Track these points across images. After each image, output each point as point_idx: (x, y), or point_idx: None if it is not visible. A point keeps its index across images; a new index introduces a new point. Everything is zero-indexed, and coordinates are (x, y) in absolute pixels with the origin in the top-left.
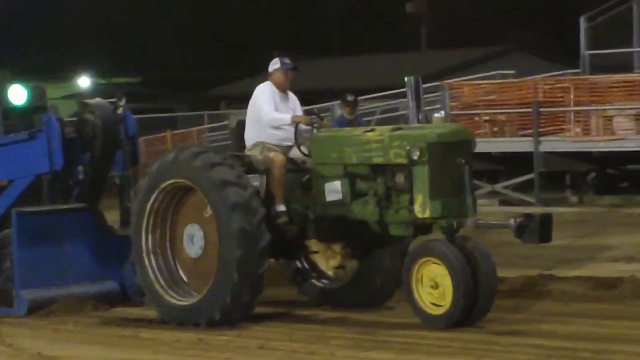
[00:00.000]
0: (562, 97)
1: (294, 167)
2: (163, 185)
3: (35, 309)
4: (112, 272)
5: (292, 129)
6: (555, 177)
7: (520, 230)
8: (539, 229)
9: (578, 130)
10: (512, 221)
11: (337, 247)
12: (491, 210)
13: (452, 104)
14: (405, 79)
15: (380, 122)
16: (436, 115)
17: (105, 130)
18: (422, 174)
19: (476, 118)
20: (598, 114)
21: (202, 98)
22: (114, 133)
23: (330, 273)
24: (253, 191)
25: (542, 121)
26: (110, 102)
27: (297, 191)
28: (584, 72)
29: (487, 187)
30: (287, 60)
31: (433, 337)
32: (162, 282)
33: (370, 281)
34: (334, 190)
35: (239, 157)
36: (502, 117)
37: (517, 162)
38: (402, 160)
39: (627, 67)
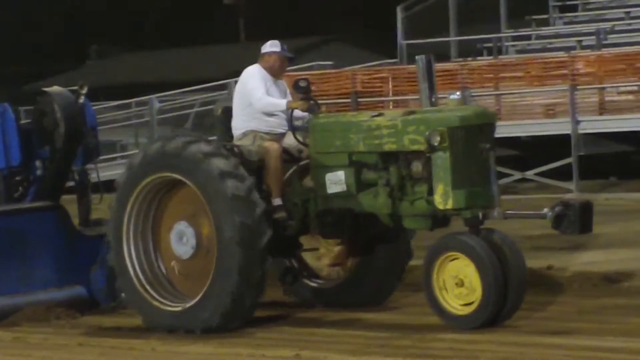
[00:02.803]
0: (380, 86)
1: (287, 157)
2: (147, 180)
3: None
4: (79, 276)
5: (284, 116)
6: None
7: (558, 221)
8: (579, 219)
9: None
10: (547, 210)
11: (333, 244)
12: None
13: None
14: (416, 58)
15: (199, 115)
16: (452, 96)
17: (68, 121)
18: (443, 161)
19: None
20: (416, 103)
21: (17, 93)
22: (77, 124)
23: (325, 272)
24: (252, 183)
25: (361, 111)
26: (71, 91)
27: (294, 183)
28: (402, 61)
29: None
30: (285, 47)
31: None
32: (147, 286)
33: (368, 279)
34: (336, 181)
35: (228, 147)
36: (322, 108)
37: None
38: (419, 147)
39: (445, 56)
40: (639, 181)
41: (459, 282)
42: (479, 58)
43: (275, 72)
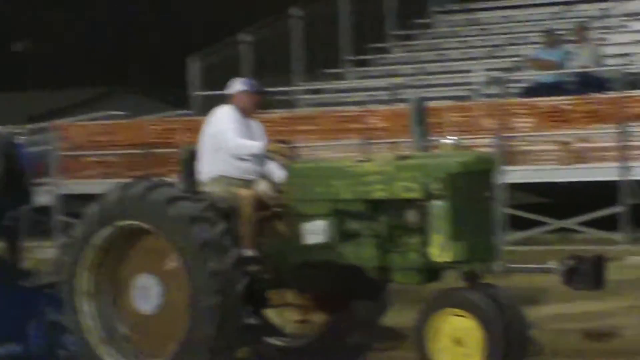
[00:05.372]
0: (172, 138)
1: (258, 204)
2: (108, 229)
3: None
4: (14, 332)
5: (255, 161)
6: None
7: (570, 275)
8: (592, 273)
9: None
10: (556, 264)
11: (301, 298)
12: None
13: (61, 145)
14: (409, 99)
15: None
16: (446, 141)
17: (6, 163)
18: (441, 211)
19: (87, 159)
20: None
21: None
22: (15, 167)
23: (291, 329)
24: (224, 227)
25: (153, 163)
26: (9, 131)
27: (267, 233)
28: (195, 113)
29: None
30: (254, 82)
31: None
32: (108, 347)
33: (341, 337)
34: (316, 231)
35: (196, 193)
36: (112, 159)
37: None
38: (415, 195)
39: None
40: None
41: (456, 341)
42: (272, 110)
43: (248, 112)
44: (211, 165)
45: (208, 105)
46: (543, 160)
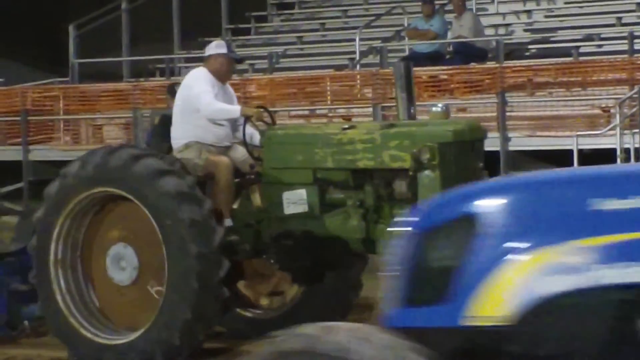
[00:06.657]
0: (51, 105)
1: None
2: (84, 194)
3: None
4: None
5: (229, 126)
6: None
7: None
8: None
9: (68, 138)
10: None
11: (274, 270)
12: None
13: None
14: (394, 63)
15: None
16: (434, 108)
17: None
18: (432, 181)
19: None
20: (88, 123)
21: None
22: None
23: (263, 301)
24: (193, 180)
25: (31, 130)
26: None
27: (244, 202)
28: (74, 80)
29: None
30: (232, 48)
31: None
32: (78, 315)
33: (312, 310)
34: (296, 200)
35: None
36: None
37: (5, 171)
38: (402, 164)
39: (117, 76)
40: None
41: None
42: (151, 79)
43: (223, 76)
44: (185, 130)
45: (86, 73)
46: None
